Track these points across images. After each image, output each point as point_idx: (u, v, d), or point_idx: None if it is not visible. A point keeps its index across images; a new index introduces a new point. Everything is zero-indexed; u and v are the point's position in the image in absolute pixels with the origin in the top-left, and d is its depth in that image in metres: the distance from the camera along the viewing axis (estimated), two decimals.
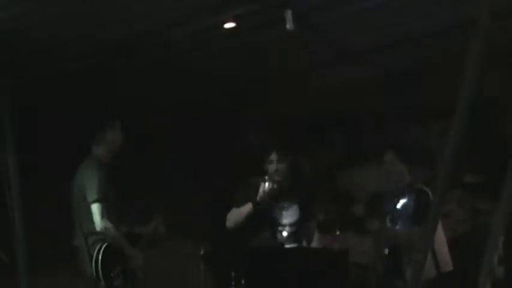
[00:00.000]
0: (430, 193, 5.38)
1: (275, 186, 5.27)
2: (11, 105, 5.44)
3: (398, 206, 5.52)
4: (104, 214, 5.08)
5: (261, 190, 5.24)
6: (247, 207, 5.27)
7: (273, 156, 5.38)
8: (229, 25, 4.82)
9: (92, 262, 5.06)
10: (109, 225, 5.09)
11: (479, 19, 3.88)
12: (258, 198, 5.24)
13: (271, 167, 5.35)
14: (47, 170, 6.21)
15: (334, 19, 5.16)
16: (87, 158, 5.35)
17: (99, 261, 5.05)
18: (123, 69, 5.86)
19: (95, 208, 5.10)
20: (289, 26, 4.46)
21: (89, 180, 5.16)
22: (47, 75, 5.60)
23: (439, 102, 5.04)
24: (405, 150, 7.25)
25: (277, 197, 5.36)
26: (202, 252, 5.57)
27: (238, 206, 5.34)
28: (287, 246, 5.31)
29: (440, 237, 5.31)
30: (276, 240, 5.33)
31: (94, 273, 5.04)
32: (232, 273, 5.07)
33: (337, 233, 6.23)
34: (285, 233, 5.35)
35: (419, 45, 5.83)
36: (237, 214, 5.33)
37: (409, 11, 5.04)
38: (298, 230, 5.41)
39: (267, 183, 5.26)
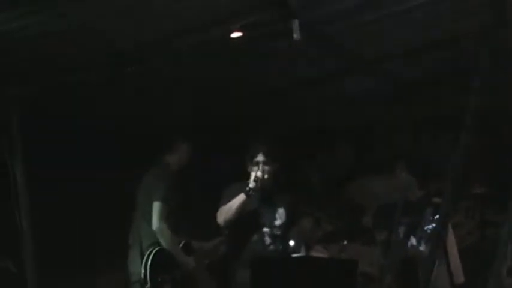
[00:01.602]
0: None
1: (266, 176, 5.18)
2: (20, 113, 5.47)
3: (413, 219, 5.50)
4: (163, 215, 5.29)
5: (253, 176, 5.14)
6: (238, 199, 5.14)
7: (259, 158, 5.27)
8: (236, 35, 4.83)
9: (141, 263, 5.13)
10: (164, 226, 5.22)
11: (487, 29, 3.90)
12: (250, 184, 5.12)
13: (257, 169, 5.22)
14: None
15: (342, 29, 5.15)
16: (158, 165, 5.63)
17: (149, 263, 5.10)
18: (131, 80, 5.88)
19: (156, 207, 5.32)
20: (296, 36, 4.45)
21: (157, 181, 5.47)
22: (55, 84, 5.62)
23: (449, 113, 5.03)
24: (416, 162, 7.28)
25: (263, 198, 5.29)
26: (207, 262, 5.57)
27: (225, 204, 5.23)
28: (271, 249, 5.25)
29: (453, 249, 5.29)
30: (262, 243, 5.26)
31: (142, 276, 5.09)
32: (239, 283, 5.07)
33: (345, 242, 6.20)
34: (271, 236, 5.28)
35: (428, 56, 5.81)
36: (228, 208, 5.19)
37: (418, 21, 5.03)
38: (285, 233, 5.36)
39: (258, 171, 5.15)
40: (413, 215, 5.55)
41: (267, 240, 5.27)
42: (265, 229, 5.30)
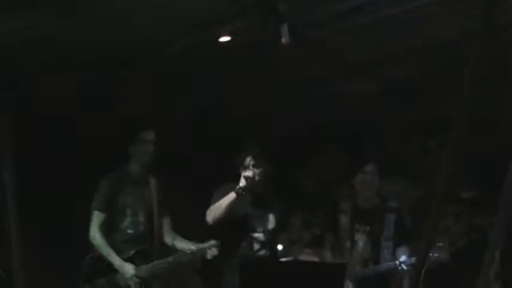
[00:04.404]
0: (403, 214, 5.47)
1: (257, 177, 5.17)
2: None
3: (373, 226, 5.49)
4: (95, 224, 5.25)
5: (243, 176, 5.14)
6: (228, 197, 5.14)
7: (248, 161, 5.28)
8: (224, 39, 4.84)
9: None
10: (96, 234, 5.22)
11: (478, 34, 3.91)
12: (241, 183, 5.12)
13: (248, 173, 5.21)
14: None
15: (332, 33, 5.16)
16: (113, 172, 5.47)
17: (82, 269, 5.22)
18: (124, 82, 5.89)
19: (92, 216, 5.29)
20: (285, 40, 4.46)
21: (97, 190, 5.35)
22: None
23: (439, 116, 5.04)
24: (405, 165, 7.30)
25: (252, 203, 5.29)
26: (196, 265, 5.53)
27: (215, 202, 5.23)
28: (261, 253, 5.26)
29: None
30: (251, 248, 5.25)
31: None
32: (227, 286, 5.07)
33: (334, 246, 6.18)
34: (260, 241, 5.27)
35: (419, 60, 5.83)
36: (217, 207, 5.19)
37: (408, 25, 5.04)
38: (274, 238, 5.35)
39: (249, 171, 5.15)
40: (372, 221, 5.52)
41: (256, 245, 5.26)
42: (255, 234, 5.29)
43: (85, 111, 6.40)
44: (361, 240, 5.50)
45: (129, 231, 5.32)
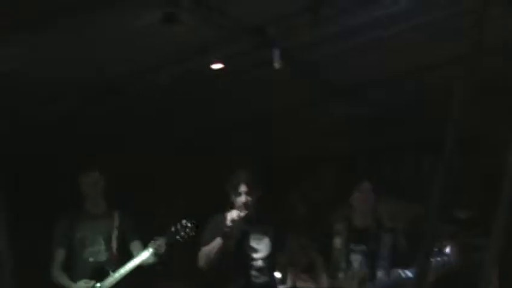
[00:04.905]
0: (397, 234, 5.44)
1: (242, 214, 5.07)
2: None
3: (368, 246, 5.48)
4: (54, 262, 5.55)
5: (228, 219, 5.02)
6: (216, 243, 5.03)
7: (242, 188, 5.16)
8: (216, 66, 4.84)
9: None
10: (52, 274, 5.52)
11: (468, 55, 3.93)
12: (225, 228, 5.00)
13: (240, 199, 5.13)
14: None
15: (322, 57, 5.18)
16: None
17: None
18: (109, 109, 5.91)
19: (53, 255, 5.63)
20: (276, 65, 4.47)
21: (54, 229, 5.65)
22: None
23: (431, 137, 5.05)
24: (398, 186, 7.30)
25: (247, 230, 5.18)
26: None
27: (207, 242, 5.11)
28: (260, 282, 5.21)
29: None
30: (248, 276, 5.18)
31: None
32: None
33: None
34: (257, 268, 5.19)
35: (409, 81, 5.85)
36: (208, 252, 5.08)
37: (398, 48, 5.08)
38: (271, 264, 5.30)
39: (234, 212, 5.04)
40: (367, 242, 5.51)
41: (253, 272, 5.18)
42: (251, 262, 5.21)
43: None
44: (356, 261, 5.47)
45: (90, 259, 5.53)
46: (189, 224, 5.40)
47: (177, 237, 5.39)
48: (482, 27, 3.81)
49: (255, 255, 5.18)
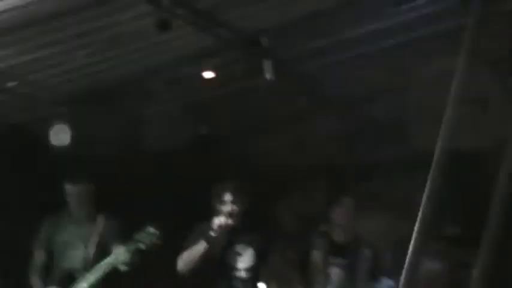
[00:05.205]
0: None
1: (230, 222, 5.03)
2: None
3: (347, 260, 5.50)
4: (33, 263, 5.54)
5: (216, 223, 4.98)
6: (201, 246, 4.97)
7: (227, 197, 5.13)
8: (208, 75, 4.83)
9: None
10: (31, 278, 5.48)
11: (458, 68, 3.93)
12: (211, 232, 4.96)
13: (225, 208, 5.09)
14: None
15: (314, 69, 5.18)
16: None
17: None
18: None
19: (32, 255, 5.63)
20: (268, 76, 4.46)
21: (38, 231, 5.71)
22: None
23: (421, 152, 5.04)
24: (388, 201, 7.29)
25: (232, 239, 5.16)
26: None
27: (190, 247, 5.07)
28: None
29: None
30: (231, 286, 5.14)
31: None
32: None
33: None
34: (241, 278, 5.15)
35: (399, 96, 5.85)
36: (189, 254, 5.01)
37: (389, 61, 5.08)
38: (254, 275, 5.25)
39: (222, 217, 5.00)
40: (347, 255, 5.53)
41: (237, 284, 5.14)
42: (235, 272, 5.17)
43: None
44: (335, 275, 5.49)
45: (65, 265, 5.49)
46: (152, 231, 5.31)
47: (140, 244, 5.30)
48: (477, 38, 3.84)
49: (238, 266, 5.16)
